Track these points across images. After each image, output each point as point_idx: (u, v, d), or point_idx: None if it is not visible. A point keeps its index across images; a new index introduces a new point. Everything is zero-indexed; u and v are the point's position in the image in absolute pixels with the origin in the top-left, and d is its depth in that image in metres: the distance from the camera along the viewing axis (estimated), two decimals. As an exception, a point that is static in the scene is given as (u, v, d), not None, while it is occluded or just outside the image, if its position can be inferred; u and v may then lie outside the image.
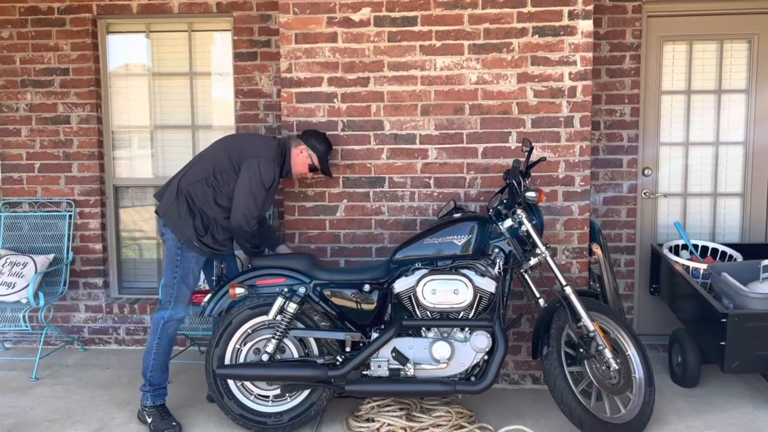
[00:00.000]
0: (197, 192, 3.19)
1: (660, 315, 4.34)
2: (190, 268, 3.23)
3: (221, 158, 3.22)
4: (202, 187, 3.19)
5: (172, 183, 3.27)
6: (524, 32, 3.58)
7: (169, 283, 3.22)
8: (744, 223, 4.41)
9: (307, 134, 3.40)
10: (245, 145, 3.26)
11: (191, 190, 3.19)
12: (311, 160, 3.35)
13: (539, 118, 3.61)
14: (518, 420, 3.26)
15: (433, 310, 3.08)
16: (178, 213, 3.17)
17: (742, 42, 4.30)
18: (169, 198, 3.22)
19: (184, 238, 3.17)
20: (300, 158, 3.34)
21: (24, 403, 3.58)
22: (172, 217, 3.18)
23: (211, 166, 3.21)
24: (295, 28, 3.66)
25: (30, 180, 4.48)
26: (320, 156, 3.37)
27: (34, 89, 4.42)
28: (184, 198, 3.18)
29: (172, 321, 3.23)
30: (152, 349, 3.22)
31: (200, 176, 3.21)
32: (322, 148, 3.38)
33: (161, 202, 3.26)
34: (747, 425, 3.22)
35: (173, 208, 3.18)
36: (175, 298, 3.21)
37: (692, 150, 4.41)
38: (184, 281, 3.22)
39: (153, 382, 3.24)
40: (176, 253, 3.20)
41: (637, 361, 3.16)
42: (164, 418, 3.21)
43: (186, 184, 3.21)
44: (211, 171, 3.20)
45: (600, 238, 3.73)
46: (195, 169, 3.25)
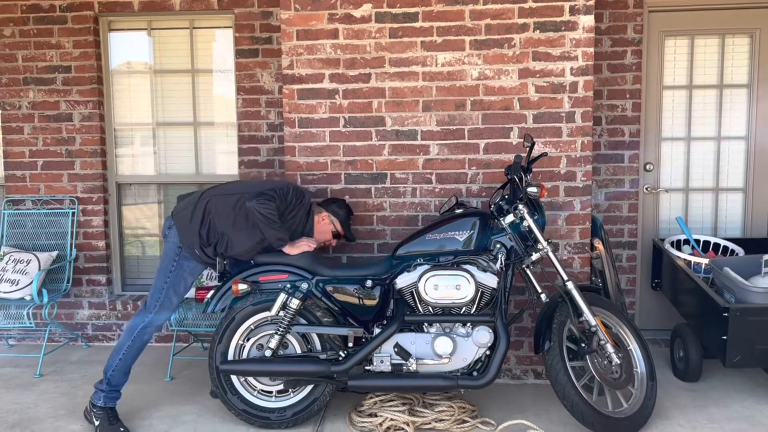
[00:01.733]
0: (218, 205, 3.17)
1: (662, 310, 4.35)
2: (183, 277, 3.19)
3: (256, 186, 3.24)
4: (225, 202, 3.18)
5: (198, 191, 3.30)
6: (525, 28, 3.58)
7: (159, 286, 3.18)
8: (746, 218, 4.41)
9: (327, 202, 3.47)
10: (268, 182, 3.34)
11: (213, 201, 3.18)
12: (334, 226, 3.40)
13: (541, 113, 3.61)
14: (520, 415, 3.27)
15: (435, 306, 3.09)
16: (191, 217, 3.15)
17: (744, 36, 4.30)
18: (189, 202, 3.22)
19: (187, 242, 3.15)
20: (322, 225, 3.38)
21: (28, 399, 3.60)
22: (183, 220, 3.17)
23: (244, 189, 3.22)
24: (296, 25, 3.67)
25: (33, 177, 4.49)
26: (342, 221, 3.41)
27: (36, 87, 4.43)
28: (203, 207, 3.17)
29: (151, 327, 3.18)
30: (121, 350, 3.16)
31: (229, 194, 3.21)
32: (343, 213, 3.43)
33: (179, 203, 3.27)
34: (749, 419, 3.22)
35: (188, 211, 3.17)
36: (161, 303, 3.17)
37: (694, 145, 4.41)
38: (174, 289, 3.18)
39: (111, 383, 3.17)
40: (173, 258, 3.18)
41: (639, 356, 3.17)
42: (112, 423, 3.13)
43: (211, 195, 3.21)
44: (242, 193, 3.20)
45: (602, 234, 3.73)
46: (227, 187, 3.27)
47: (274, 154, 4.38)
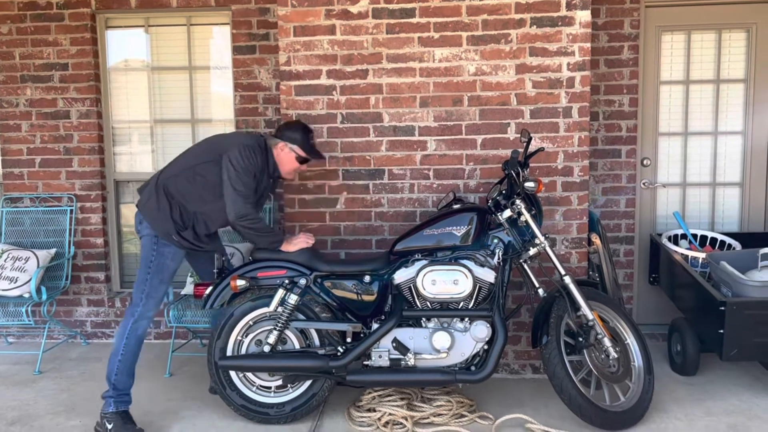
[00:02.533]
0: (178, 186, 3.09)
1: (659, 304, 4.36)
2: (165, 265, 3.10)
3: (202, 152, 3.14)
4: (183, 181, 3.09)
5: (153, 178, 3.18)
6: (522, 23, 3.58)
7: (142, 279, 3.09)
8: (743, 212, 4.43)
9: (281, 129, 3.25)
10: (226, 138, 3.20)
11: (170, 184, 3.10)
12: (295, 152, 3.21)
13: (538, 108, 3.62)
14: (518, 409, 3.28)
15: (433, 301, 3.10)
16: (158, 206, 3.07)
17: (741, 31, 4.31)
18: (149, 192, 3.13)
19: (162, 231, 3.06)
20: (284, 155, 3.21)
21: (28, 396, 3.61)
22: (151, 211, 3.08)
23: (193, 161, 3.12)
24: (293, 21, 3.67)
25: (31, 175, 4.50)
26: (301, 144, 3.20)
27: (33, 84, 4.43)
28: (164, 192, 3.08)
29: (143, 320, 3.08)
30: (119, 351, 3.06)
31: (181, 171, 3.11)
32: (299, 136, 3.20)
33: (141, 196, 3.17)
34: (746, 412, 3.24)
35: (152, 201, 3.09)
36: (147, 294, 3.08)
37: (691, 140, 4.42)
38: (158, 277, 3.09)
39: (118, 387, 3.06)
40: (152, 249, 3.08)
41: (636, 350, 3.18)
42: (126, 424, 3.02)
43: (165, 179, 3.12)
44: (193, 165, 3.11)
45: (599, 228, 3.74)
46: (176, 165, 3.16)
47: (272, 150, 4.38)
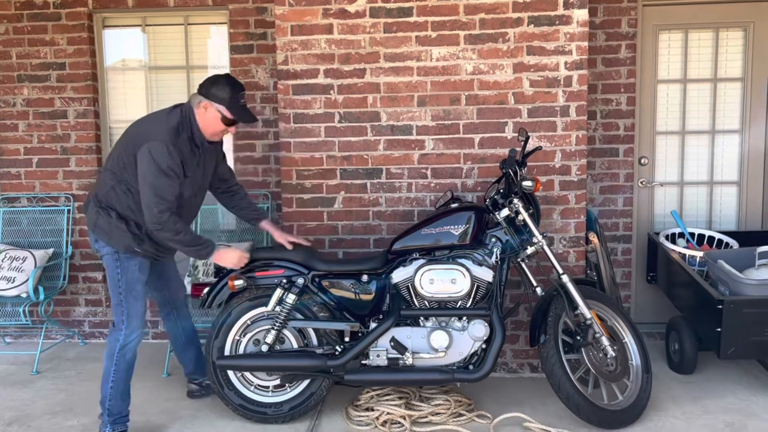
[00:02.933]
0: (114, 200, 2.88)
1: (657, 303, 4.37)
2: (135, 278, 2.92)
3: (121, 156, 2.86)
4: (116, 194, 2.87)
5: (91, 194, 2.98)
6: (520, 22, 3.58)
7: (116, 301, 2.91)
8: (740, 211, 4.43)
9: (205, 86, 2.88)
10: (136, 132, 2.88)
11: (108, 199, 2.89)
12: (221, 113, 2.86)
13: (535, 107, 3.62)
14: (517, 408, 3.29)
15: (431, 300, 3.10)
16: (108, 223, 2.87)
17: (738, 30, 4.31)
18: (94, 210, 2.92)
19: (122, 246, 2.88)
20: (207, 117, 2.86)
21: (25, 396, 3.60)
22: (104, 229, 2.88)
23: (117, 167, 2.87)
24: (290, 20, 3.67)
25: (28, 175, 4.49)
26: (228, 104, 2.84)
27: (30, 84, 4.42)
28: (106, 208, 2.89)
29: (130, 344, 2.93)
30: (109, 377, 2.92)
31: (111, 182, 2.88)
32: (226, 94, 2.83)
33: (88, 216, 2.95)
34: (743, 410, 3.24)
35: (102, 219, 2.88)
36: (127, 315, 2.91)
37: (688, 139, 4.42)
38: (131, 294, 2.91)
39: (113, 412, 2.94)
40: (115, 266, 2.90)
41: (634, 349, 3.18)
42: None
43: (102, 194, 2.91)
44: (118, 173, 2.86)
45: (597, 227, 3.74)
46: (105, 175, 2.92)
47: (270, 149, 4.38)
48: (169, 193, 2.79)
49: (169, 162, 2.76)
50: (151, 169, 2.75)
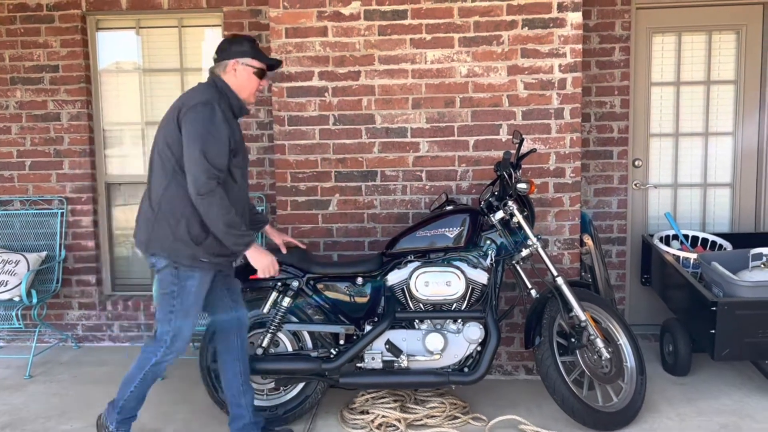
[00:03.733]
0: (171, 200, 2.63)
1: (651, 305, 4.38)
2: (192, 300, 2.68)
3: (164, 149, 2.63)
4: (171, 192, 2.63)
5: (143, 204, 2.75)
6: (514, 25, 3.59)
7: (165, 317, 2.67)
8: (733, 213, 4.45)
9: (222, 49, 2.76)
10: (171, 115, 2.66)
11: (164, 202, 2.64)
12: (251, 66, 2.75)
13: (530, 110, 3.63)
14: (512, 410, 3.29)
15: (426, 302, 3.10)
16: (167, 230, 2.63)
17: (731, 33, 4.33)
18: (146, 223, 2.68)
19: (185, 257, 2.63)
20: (239, 78, 2.74)
21: (18, 400, 3.58)
22: (163, 239, 2.63)
23: (166, 160, 2.63)
24: (285, 23, 3.66)
25: (21, 178, 4.46)
26: (253, 54, 2.75)
27: (23, 86, 4.40)
28: (164, 214, 2.64)
29: (166, 362, 2.72)
30: (132, 383, 2.73)
31: (164, 181, 2.64)
32: (247, 46, 2.76)
33: (140, 231, 2.71)
34: (737, 412, 3.25)
35: (160, 228, 2.64)
36: (173, 336, 2.67)
37: (682, 141, 4.44)
38: (184, 315, 2.67)
39: (124, 410, 2.78)
40: (172, 283, 2.65)
41: (629, 350, 3.19)
42: None
43: (157, 200, 2.65)
44: (169, 166, 2.63)
45: (591, 229, 3.75)
46: (155, 178, 2.68)
47: (264, 152, 4.37)
48: (219, 160, 2.57)
49: (217, 121, 2.58)
50: (198, 131, 2.54)
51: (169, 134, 2.62)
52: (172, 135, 2.61)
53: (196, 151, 2.53)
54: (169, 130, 2.62)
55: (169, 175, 2.63)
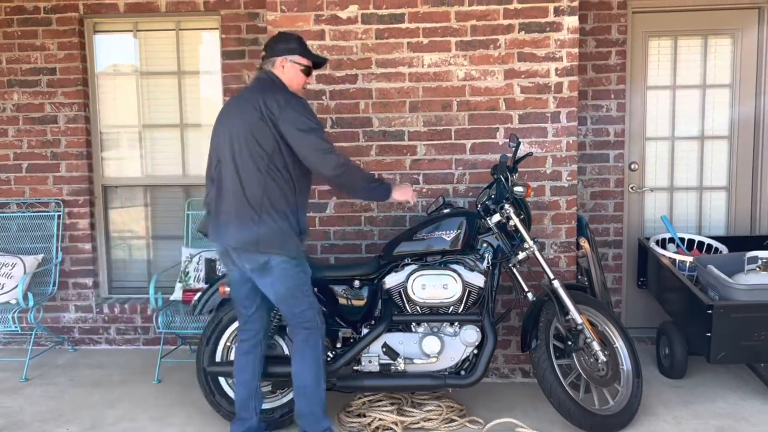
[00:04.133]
0: (271, 198, 2.68)
1: (647, 308, 4.38)
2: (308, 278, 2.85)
3: (254, 147, 2.68)
4: (269, 189, 2.68)
5: (234, 204, 2.71)
6: (510, 29, 3.60)
7: (306, 305, 2.80)
8: (729, 216, 4.46)
9: (271, 48, 2.85)
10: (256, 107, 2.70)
11: (264, 201, 2.67)
12: (299, 63, 2.84)
13: (526, 113, 3.64)
14: (508, 413, 3.29)
15: (423, 305, 3.10)
16: (273, 228, 2.68)
17: (726, 37, 4.35)
18: (250, 225, 2.68)
19: (293, 250, 2.72)
20: (287, 75, 2.83)
21: (14, 403, 3.57)
22: (271, 238, 2.68)
23: (259, 159, 2.67)
24: (282, 26, 3.67)
25: (18, 180, 4.46)
26: (301, 51, 2.85)
27: (20, 89, 4.40)
28: (268, 214, 2.67)
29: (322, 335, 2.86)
30: (321, 382, 2.84)
31: (260, 180, 2.68)
32: (295, 44, 2.84)
33: (240, 234, 2.69)
34: (733, 415, 3.26)
35: (265, 228, 2.67)
36: (313, 313, 2.83)
37: (678, 144, 4.45)
38: (312, 293, 2.87)
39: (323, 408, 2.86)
40: (297, 271, 2.75)
41: (625, 354, 3.19)
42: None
43: (256, 200, 2.67)
44: (263, 164, 2.67)
45: (587, 233, 3.76)
46: (250, 179, 2.69)
47: (262, 155, 4.37)
48: (328, 138, 2.75)
49: (309, 107, 2.76)
50: (305, 122, 2.67)
51: (259, 133, 2.68)
52: (262, 133, 2.67)
53: (313, 138, 2.67)
54: (259, 129, 2.68)
55: (263, 173, 2.69)
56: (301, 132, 2.67)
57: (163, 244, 4.63)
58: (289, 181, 2.73)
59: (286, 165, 2.71)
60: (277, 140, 2.68)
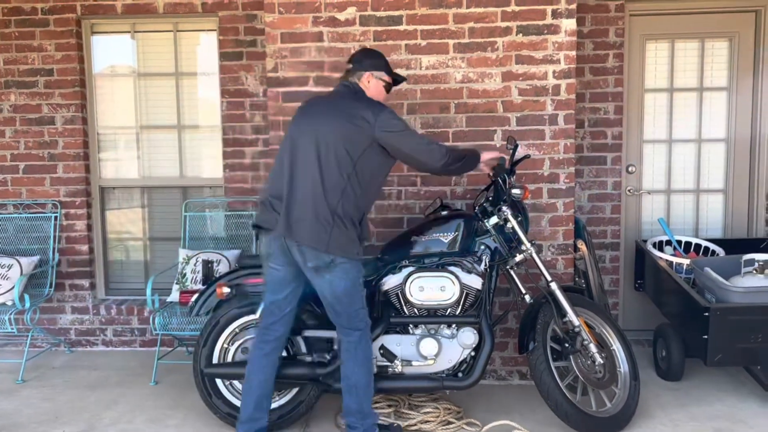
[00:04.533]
0: (346, 205, 2.75)
1: (645, 310, 4.39)
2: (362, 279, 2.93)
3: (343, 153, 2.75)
4: (347, 196, 2.76)
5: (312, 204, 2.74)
6: (508, 31, 3.61)
7: (360, 305, 2.88)
8: (726, 218, 4.47)
9: (359, 61, 2.96)
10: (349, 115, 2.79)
11: (340, 206, 2.74)
12: (382, 80, 2.97)
13: (524, 116, 3.64)
14: (506, 415, 3.29)
15: (420, 307, 3.10)
16: (343, 233, 2.75)
17: (723, 40, 4.36)
18: (324, 225, 2.73)
19: (354, 255, 2.80)
20: (372, 89, 2.94)
21: (10, 405, 3.56)
22: (341, 241, 2.74)
23: (345, 165, 2.75)
24: (280, 28, 3.67)
25: (15, 181, 4.45)
26: (386, 68, 2.98)
27: (18, 90, 4.40)
28: (340, 218, 2.74)
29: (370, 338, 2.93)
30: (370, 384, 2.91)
31: (342, 184, 2.74)
32: (381, 61, 2.98)
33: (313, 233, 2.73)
34: (730, 417, 3.27)
35: (337, 231, 2.74)
36: (364, 314, 2.90)
37: (675, 147, 4.46)
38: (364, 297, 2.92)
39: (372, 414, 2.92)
40: (358, 273, 2.84)
41: (622, 356, 3.19)
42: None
43: (335, 203, 2.73)
44: (347, 171, 2.75)
45: (585, 235, 3.77)
46: (330, 180, 2.74)
47: (259, 156, 4.37)
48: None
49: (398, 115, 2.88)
50: (399, 123, 2.81)
51: (349, 140, 2.76)
52: (352, 140, 2.76)
53: (412, 136, 2.83)
54: (350, 136, 2.76)
55: (344, 180, 2.76)
56: (400, 134, 2.79)
57: (160, 246, 4.63)
58: (364, 190, 2.82)
59: (366, 174, 2.80)
60: (366, 148, 2.77)
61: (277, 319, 2.93)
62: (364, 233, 2.89)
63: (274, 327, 2.94)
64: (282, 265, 2.86)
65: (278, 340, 2.96)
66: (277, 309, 2.93)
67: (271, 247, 2.86)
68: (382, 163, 2.87)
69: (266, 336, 2.94)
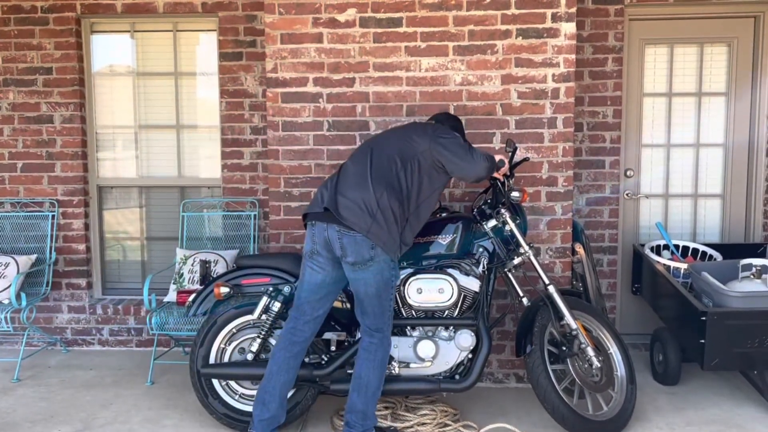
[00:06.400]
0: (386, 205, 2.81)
1: (642, 314, 4.39)
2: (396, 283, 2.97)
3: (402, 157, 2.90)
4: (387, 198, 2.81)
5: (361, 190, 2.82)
6: (508, 34, 3.61)
7: (387, 307, 2.89)
8: (724, 223, 4.48)
9: (441, 120, 3.17)
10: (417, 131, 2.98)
11: (380, 204, 2.80)
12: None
13: (523, 119, 3.65)
14: (502, 418, 3.29)
15: (418, 309, 3.10)
16: (387, 228, 2.79)
17: (722, 45, 4.37)
18: (369, 214, 2.78)
19: (394, 251, 2.83)
20: None
21: (5, 404, 3.55)
22: (379, 234, 2.78)
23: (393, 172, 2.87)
24: (280, 29, 3.67)
25: (12, 180, 4.44)
26: (462, 132, 3.23)
27: (16, 88, 4.39)
28: (382, 210, 2.79)
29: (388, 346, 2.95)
30: (380, 386, 2.90)
31: (383, 186, 2.83)
32: (460, 125, 3.25)
33: (360, 219, 2.78)
34: (727, 422, 3.27)
35: (378, 224, 2.78)
36: (389, 317, 2.92)
37: (673, 152, 4.47)
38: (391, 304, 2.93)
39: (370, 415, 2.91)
40: (392, 273, 2.88)
41: (619, 359, 3.20)
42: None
43: (376, 198, 2.80)
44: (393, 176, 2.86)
45: (583, 238, 3.77)
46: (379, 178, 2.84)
47: (258, 157, 4.37)
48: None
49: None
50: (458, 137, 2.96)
51: (405, 143, 2.93)
52: (407, 144, 2.92)
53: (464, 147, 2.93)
54: (406, 142, 2.93)
55: (386, 184, 2.84)
56: (452, 139, 2.92)
57: (157, 246, 4.62)
58: (410, 192, 2.88)
59: (414, 175, 2.89)
60: (418, 153, 2.89)
61: (309, 320, 2.94)
62: (406, 240, 2.91)
63: (304, 328, 2.94)
64: (322, 267, 2.89)
65: (306, 342, 2.97)
66: (310, 309, 2.93)
67: (315, 243, 2.88)
68: (433, 175, 2.92)
69: (295, 337, 2.94)
